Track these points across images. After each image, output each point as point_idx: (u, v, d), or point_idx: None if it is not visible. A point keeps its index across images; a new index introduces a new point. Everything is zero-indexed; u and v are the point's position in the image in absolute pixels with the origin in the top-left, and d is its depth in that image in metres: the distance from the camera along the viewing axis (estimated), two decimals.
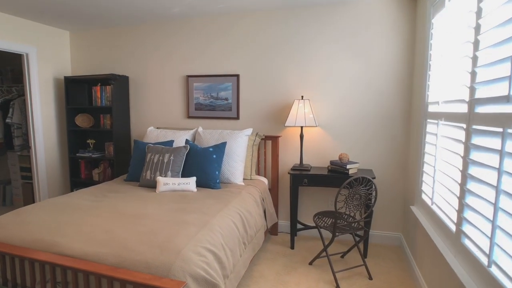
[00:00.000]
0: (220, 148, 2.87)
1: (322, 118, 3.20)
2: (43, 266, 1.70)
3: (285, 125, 3.03)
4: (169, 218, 2.08)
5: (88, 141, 4.00)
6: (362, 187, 2.34)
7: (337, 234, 2.38)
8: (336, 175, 2.83)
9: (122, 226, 1.96)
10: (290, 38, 3.22)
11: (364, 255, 2.81)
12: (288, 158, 3.36)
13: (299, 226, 3.35)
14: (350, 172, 2.81)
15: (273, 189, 3.35)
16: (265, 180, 3.25)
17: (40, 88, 3.84)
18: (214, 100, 3.54)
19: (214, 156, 2.83)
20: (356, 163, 2.87)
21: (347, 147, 3.15)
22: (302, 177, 2.92)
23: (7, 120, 4.05)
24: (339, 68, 3.10)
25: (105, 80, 3.80)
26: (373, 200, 2.58)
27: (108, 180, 3.85)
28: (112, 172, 3.86)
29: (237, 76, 3.43)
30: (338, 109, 3.15)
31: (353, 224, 2.50)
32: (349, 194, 2.32)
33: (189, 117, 3.67)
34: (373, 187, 2.41)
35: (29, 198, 4.28)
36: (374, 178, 2.64)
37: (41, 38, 3.82)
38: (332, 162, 2.96)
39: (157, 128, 3.67)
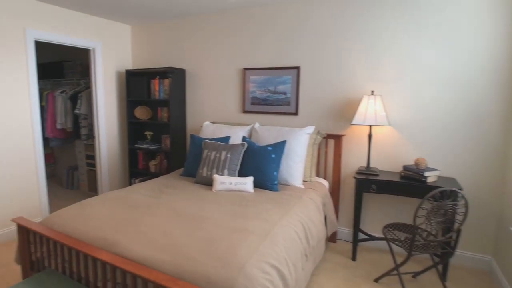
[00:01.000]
0: (279, 148, 2.68)
1: (395, 116, 2.84)
2: (105, 265, 1.68)
3: (352, 123, 2.74)
4: (229, 224, 1.96)
5: (146, 133, 4.07)
6: (450, 201, 2.00)
7: (413, 253, 2.08)
8: (411, 182, 2.49)
9: (180, 229, 1.88)
10: (358, 25, 2.89)
11: (443, 278, 2.46)
12: (352, 159, 3.06)
13: (361, 235, 3.06)
14: (429, 180, 2.45)
15: (334, 192, 3.09)
16: (326, 183, 3.00)
17: (104, 81, 3.97)
18: (272, 94, 3.35)
19: (273, 155, 2.65)
20: (436, 170, 2.49)
21: (424, 151, 2.76)
22: (369, 183, 2.63)
23: (75, 111, 4.28)
24: (418, 59, 2.71)
25: (163, 73, 3.80)
26: (462, 217, 2.21)
27: (163, 172, 3.90)
28: (168, 164, 3.88)
29: (297, 68, 3.19)
30: (414, 107, 2.76)
31: (433, 243, 2.16)
32: (432, 209, 1.99)
33: (245, 111, 3.52)
34: (463, 201, 2.04)
35: (93, 184, 4.52)
36: (461, 189, 2.26)
37: (106, 33, 3.93)
38: (406, 168, 2.62)
39: (213, 122, 3.59)
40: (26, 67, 3.20)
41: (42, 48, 5.20)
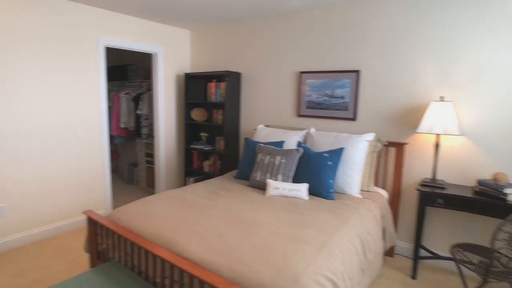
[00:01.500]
0: (336, 154, 2.58)
1: (469, 126, 2.57)
2: (163, 263, 1.74)
3: (417, 131, 2.54)
4: (283, 231, 1.92)
5: (201, 134, 4.20)
6: None
7: (490, 279, 1.85)
8: (487, 200, 2.23)
9: (235, 233, 1.89)
10: (426, 26, 2.67)
11: None
12: (415, 170, 2.84)
13: (423, 252, 2.83)
14: (510, 198, 2.17)
15: (393, 204, 2.90)
16: (385, 194, 2.82)
17: (164, 84, 4.18)
18: (328, 98, 3.24)
19: (329, 162, 2.56)
20: None
21: (504, 166, 2.46)
22: (434, 196, 2.41)
23: (137, 111, 4.56)
24: (498, 63, 2.43)
25: (220, 76, 3.89)
26: None
27: (217, 172, 3.98)
28: (221, 165, 3.96)
29: (357, 72, 3.05)
30: (494, 116, 2.47)
31: None
32: None
33: (300, 115, 3.46)
34: None
35: (150, 180, 4.78)
36: None
37: (167, 38, 4.13)
38: (481, 183, 2.35)
39: (267, 126, 3.58)
40: (97, 71, 3.48)
41: (109, 52, 5.65)
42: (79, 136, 3.40)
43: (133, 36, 3.76)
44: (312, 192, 2.59)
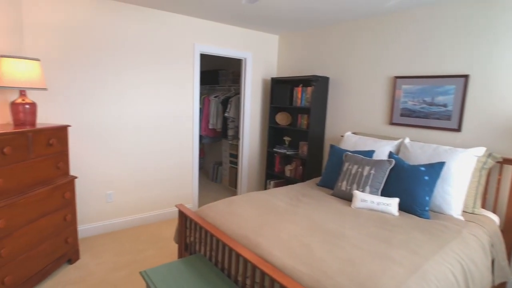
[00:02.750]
0: (435, 169, 2.30)
1: None
2: (246, 263, 1.77)
3: None
4: (370, 247, 1.79)
5: (284, 138, 4.22)
6: None
7: None
8: None
9: (318, 243, 1.83)
10: None
11: None
12: None
13: None
14: None
15: (507, 232, 2.45)
16: (496, 219, 2.41)
17: (252, 88, 4.32)
18: (428, 106, 2.92)
19: (426, 177, 2.29)
20: None
21: None
22: None
23: (225, 114, 4.82)
24: None
25: (306, 81, 3.86)
26: None
27: (298, 177, 3.95)
28: (303, 170, 3.91)
29: (466, 77, 2.68)
30: None
31: None
32: None
33: (392, 123, 3.20)
34: None
35: (233, 179, 5.00)
36: None
37: (256, 44, 4.27)
38: None
39: (354, 133, 3.41)
40: (192, 76, 3.78)
41: (201, 58, 6.10)
42: (173, 134, 3.74)
43: (225, 43, 3.98)
44: (403, 207, 2.36)
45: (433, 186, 2.30)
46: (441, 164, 2.31)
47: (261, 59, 4.36)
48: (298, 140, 4.16)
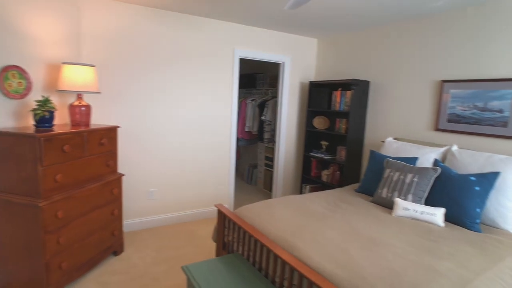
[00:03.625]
0: (488, 179, 2.17)
1: None
2: (284, 264, 1.78)
3: None
4: (413, 257, 1.72)
5: (321, 143, 4.18)
6: None
7: None
8: None
9: (358, 249, 1.80)
10: None
11: None
12: None
13: None
14: None
15: None
16: None
17: (289, 92, 4.33)
18: (479, 111, 2.76)
19: (477, 188, 2.16)
20: None
21: None
22: None
23: (262, 117, 4.87)
24: None
25: (346, 85, 3.79)
26: None
27: (335, 183, 3.88)
28: (341, 176, 3.84)
29: None
30: None
31: None
32: None
33: (438, 129, 3.05)
34: None
35: (268, 182, 5.02)
36: None
37: (294, 48, 4.28)
38: None
39: (395, 139, 3.30)
40: (231, 80, 3.87)
41: (240, 62, 6.20)
42: (212, 136, 3.85)
43: (263, 47, 4.03)
44: (450, 219, 2.24)
45: (485, 197, 2.16)
46: (495, 174, 2.17)
47: (299, 63, 4.36)
48: (336, 144, 4.10)
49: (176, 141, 3.61)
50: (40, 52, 2.52)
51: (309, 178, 4.25)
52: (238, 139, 5.52)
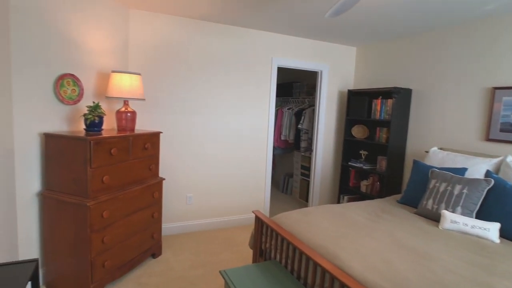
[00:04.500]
0: None
1: None
2: (324, 273, 1.73)
3: None
4: (465, 273, 1.60)
5: (360, 152, 4.06)
6: None
7: None
8: None
9: (402, 261, 1.71)
10: None
11: None
12: None
13: None
14: None
15: None
16: None
17: (327, 100, 4.28)
18: None
19: None
20: None
21: None
22: None
23: (299, 126, 4.84)
24: None
25: (387, 93, 3.68)
26: None
27: (374, 194, 3.74)
28: (381, 187, 3.70)
29: None
30: None
31: None
32: None
33: (489, 139, 2.85)
34: None
35: (303, 192, 4.95)
36: None
37: (333, 56, 4.24)
38: None
39: (441, 149, 3.12)
40: (269, 88, 3.90)
41: (278, 70, 6.25)
42: (249, 144, 3.88)
43: (301, 56, 4.04)
44: (505, 235, 2.07)
45: None
46: None
47: (337, 71, 4.31)
48: (376, 154, 3.96)
49: (213, 148, 3.69)
50: (92, 61, 2.72)
51: (347, 189, 4.13)
52: (273, 148, 5.52)
